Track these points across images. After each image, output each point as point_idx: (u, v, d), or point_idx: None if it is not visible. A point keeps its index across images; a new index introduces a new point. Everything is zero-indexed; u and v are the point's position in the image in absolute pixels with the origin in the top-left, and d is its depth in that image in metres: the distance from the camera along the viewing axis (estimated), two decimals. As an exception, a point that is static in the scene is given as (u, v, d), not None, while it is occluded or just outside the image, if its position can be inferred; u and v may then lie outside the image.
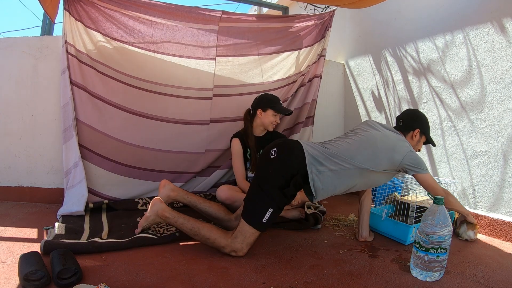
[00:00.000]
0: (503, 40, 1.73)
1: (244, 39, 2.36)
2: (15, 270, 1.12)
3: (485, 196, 1.82)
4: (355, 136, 1.49)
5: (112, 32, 2.04)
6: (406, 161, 1.42)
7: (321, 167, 1.37)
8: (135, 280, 1.13)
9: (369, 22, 2.70)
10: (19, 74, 2.04)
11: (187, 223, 1.42)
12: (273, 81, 2.47)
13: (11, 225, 1.64)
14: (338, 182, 1.40)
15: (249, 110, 2.08)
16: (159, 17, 2.11)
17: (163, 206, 1.48)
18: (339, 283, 1.18)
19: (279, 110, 1.98)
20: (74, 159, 1.93)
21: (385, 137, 1.48)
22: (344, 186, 1.43)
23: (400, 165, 1.43)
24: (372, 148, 1.43)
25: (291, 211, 1.89)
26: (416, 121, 1.61)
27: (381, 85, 2.57)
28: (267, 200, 1.35)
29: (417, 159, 1.44)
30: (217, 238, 1.37)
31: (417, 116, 1.64)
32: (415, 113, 1.67)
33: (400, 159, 1.42)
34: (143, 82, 2.14)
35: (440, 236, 1.17)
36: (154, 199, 1.52)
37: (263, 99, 2.01)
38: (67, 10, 1.93)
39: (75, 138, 1.92)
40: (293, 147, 1.42)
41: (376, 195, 1.90)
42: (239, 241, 1.35)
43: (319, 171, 1.37)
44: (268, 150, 1.44)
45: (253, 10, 6.09)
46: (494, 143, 1.77)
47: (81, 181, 1.91)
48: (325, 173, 1.37)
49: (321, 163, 1.38)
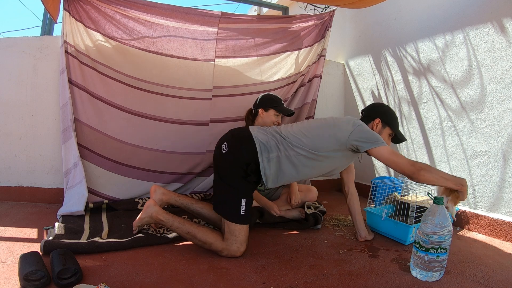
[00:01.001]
0: (503, 40, 1.73)
1: (243, 40, 2.37)
2: (15, 270, 1.12)
3: (485, 196, 1.82)
4: (306, 122, 1.50)
5: (112, 33, 2.05)
6: (354, 137, 1.34)
7: (271, 154, 1.37)
8: (135, 280, 1.13)
9: (369, 22, 2.70)
10: (19, 74, 2.04)
11: (183, 226, 1.41)
12: (272, 81, 2.47)
13: (11, 225, 1.64)
14: (288, 168, 1.39)
15: (251, 109, 2.08)
16: (159, 18, 2.12)
17: (157, 209, 1.47)
18: (339, 283, 1.18)
19: (281, 110, 1.98)
20: (74, 160, 1.93)
21: (331, 118, 1.46)
22: (295, 172, 1.41)
23: (348, 142, 1.36)
24: (317, 130, 1.41)
25: (291, 211, 1.89)
26: (376, 111, 1.56)
27: (381, 85, 2.57)
28: (236, 192, 1.36)
29: (367, 132, 1.36)
30: (213, 243, 1.37)
31: (378, 107, 1.59)
32: (376, 104, 1.64)
33: (346, 135, 1.36)
34: (143, 83, 2.15)
35: (440, 236, 1.17)
36: (148, 202, 1.52)
37: (265, 98, 2.01)
38: (67, 10, 1.93)
39: (74, 138, 1.93)
40: (242, 138, 1.42)
41: (376, 195, 1.90)
42: (231, 242, 1.35)
43: (268, 159, 1.37)
44: (220, 145, 1.45)
45: (253, 10, 6.09)
46: (494, 143, 1.77)
47: (81, 181, 1.91)
48: (274, 159, 1.37)
49: (271, 150, 1.37)
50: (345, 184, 1.70)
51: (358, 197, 1.70)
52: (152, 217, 1.48)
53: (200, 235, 1.38)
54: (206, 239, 1.38)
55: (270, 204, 1.83)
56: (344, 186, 1.71)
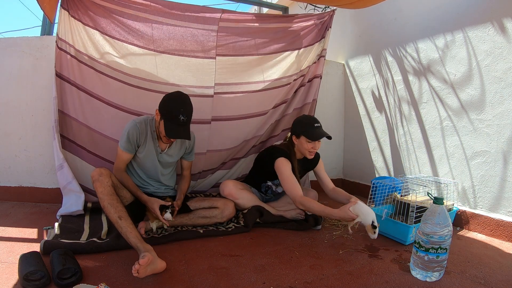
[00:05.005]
0: (503, 40, 1.73)
1: (244, 39, 2.35)
2: (15, 270, 1.12)
3: (485, 196, 1.82)
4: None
5: (111, 31, 2.02)
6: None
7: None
8: (135, 280, 1.13)
9: (369, 22, 2.70)
10: (19, 74, 2.04)
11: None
12: (273, 80, 2.45)
13: (11, 225, 1.64)
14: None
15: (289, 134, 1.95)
16: (159, 16, 2.09)
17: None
18: (339, 283, 1.18)
19: (314, 137, 1.74)
20: (58, 161, 1.91)
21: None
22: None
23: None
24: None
25: (290, 212, 1.89)
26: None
27: (381, 85, 2.57)
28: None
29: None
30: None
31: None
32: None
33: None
34: (143, 81, 2.12)
35: (440, 236, 1.17)
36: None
37: (297, 123, 1.84)
38: (66, 9, 1.92)
39: (57, 140, 1.91)
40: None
41: (376, 195, 1.90)
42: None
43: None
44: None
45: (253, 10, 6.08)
46: (494, 143, 1.77)
47: (71, 181, 1.90)
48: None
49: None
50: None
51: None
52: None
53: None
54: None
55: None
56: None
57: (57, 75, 1.93)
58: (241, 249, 1.48)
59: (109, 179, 1.42)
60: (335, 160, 3.00)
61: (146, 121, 1.67)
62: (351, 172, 2.94)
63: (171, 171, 1.83)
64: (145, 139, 1.65)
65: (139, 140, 1.63)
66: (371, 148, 2.68)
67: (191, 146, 1.83)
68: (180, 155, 1.82)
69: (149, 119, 1.70)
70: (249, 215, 1.78)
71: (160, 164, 1.72)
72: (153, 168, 1.71)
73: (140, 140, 1.63)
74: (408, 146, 2.31)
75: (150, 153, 1.67)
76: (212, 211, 1.73)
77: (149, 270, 1.13)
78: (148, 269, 1.12)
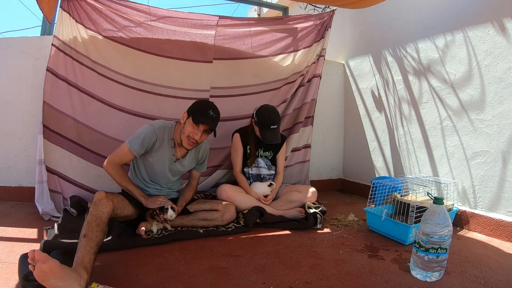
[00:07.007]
0: (503, 40, 1.73)
1: (241, 43, 2.41)
2: (15, 270, 1.12)
3: (485, 196, 1.82)
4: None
5: (112, 34, 2.08)
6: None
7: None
8: (135, 280, 1.13)
9: (369, 22, 2.70)
10: (19, 74, 2.04)
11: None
12: (271, 82, 2.48)
13: (11, 225, 1.64)
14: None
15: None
16: (158, 22, 2.16)
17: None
18: (339, 283, 1.18)
19: (265, 138, 1.93)
20: (40, 156, 1.92)
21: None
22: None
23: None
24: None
25: (291, 211, 1.89)
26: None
27: (381, 85, 2.57)
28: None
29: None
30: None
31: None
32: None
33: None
34: (142, 84, 2.17)
35: (440, 236, 1.17)
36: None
37: (258, 113, 1.98)
38: (67, 11, 1.94)
39: (40, 140, 1.92)
40: None
41: (376, 195, 1.90)
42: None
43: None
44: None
45: (253, 10, 6.08)
46: (494, 143, 1.77)
47: (44, 182, 1.91)
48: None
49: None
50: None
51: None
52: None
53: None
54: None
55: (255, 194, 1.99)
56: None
57: (54, 74, 1.95)
58: (241, 249, 1.48)
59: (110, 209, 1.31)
60: (335, 160, 3.00)
61: (165, 128, 1.64)
62: (351, 172, 2.94)
63: (179, 178, 1.83)
64: (161, 145, 1.63)
65: (153, 146, 1.61)
66: (371, 148, 2.68)
67: (203, 158, 1.83)
68: (192, 166, 1.81)
69: (168, 126, 1.66)
70: (249, 215, 1.78)
71: (170, 171, 1.70)
72: (161, 173, 1.69)
73: (155, 146, 1.61)
74: (408, 146, 2.31)
75: (163, 160, 1.65)
76: (212, 213, 1.73)
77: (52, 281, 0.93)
78: (51, 279, 0.92)
